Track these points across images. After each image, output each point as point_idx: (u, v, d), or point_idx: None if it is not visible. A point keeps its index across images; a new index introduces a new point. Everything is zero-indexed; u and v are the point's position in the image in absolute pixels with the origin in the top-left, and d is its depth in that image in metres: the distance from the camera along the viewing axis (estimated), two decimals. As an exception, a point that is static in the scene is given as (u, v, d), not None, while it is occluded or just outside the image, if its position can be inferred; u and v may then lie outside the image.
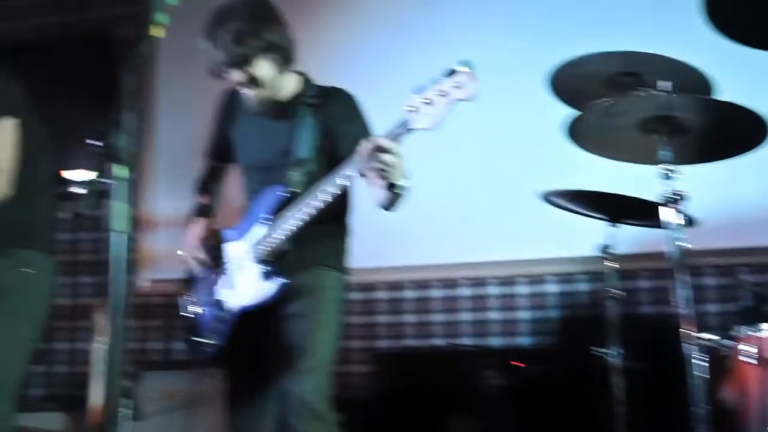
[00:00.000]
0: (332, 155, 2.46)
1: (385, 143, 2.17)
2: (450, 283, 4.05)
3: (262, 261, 2.45)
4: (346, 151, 2.34)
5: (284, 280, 2.40)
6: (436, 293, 4.07)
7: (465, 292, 4.04)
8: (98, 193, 1.70)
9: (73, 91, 4.48)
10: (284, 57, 2.48)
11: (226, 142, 2.71)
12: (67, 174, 4.34)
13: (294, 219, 2.37)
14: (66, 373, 4.43)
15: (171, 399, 3.68)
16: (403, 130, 2.16)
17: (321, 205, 2.32)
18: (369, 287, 4.08)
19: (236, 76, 2.43)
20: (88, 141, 1.68)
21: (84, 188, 1.66)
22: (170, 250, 3.78)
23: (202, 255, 2.63)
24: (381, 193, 2.30)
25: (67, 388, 4.39)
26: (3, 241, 2.69)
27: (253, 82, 2.44)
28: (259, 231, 2.48)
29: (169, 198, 4.15)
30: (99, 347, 3.71)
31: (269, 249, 2.43)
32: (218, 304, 2.57)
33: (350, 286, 2.59)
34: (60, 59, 4.53)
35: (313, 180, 2.41)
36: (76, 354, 4.40)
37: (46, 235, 2.79)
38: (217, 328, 2.55)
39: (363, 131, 2.47)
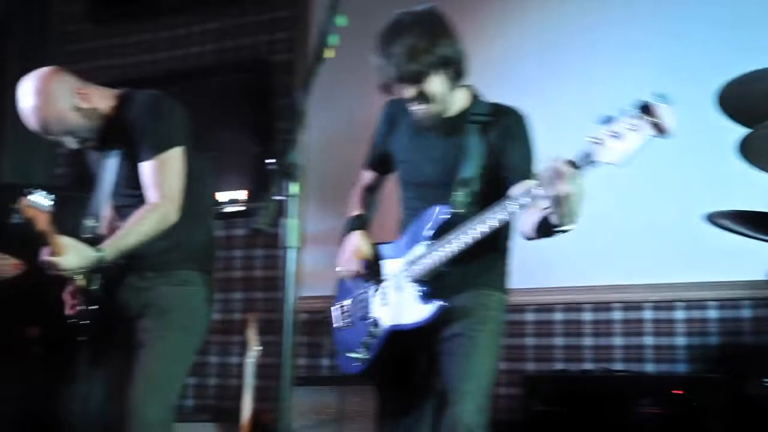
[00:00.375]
0: (496, 176, 2.40)
1: (569, 171, 2.01)
2: (602, 306, 3.91)
3: (419, 281, 2.43)
4: (511, 173, 2.30)
5: (443, 304, 2.37)
6: (587, 316, 3.94)
7: (618, 315, 3.89)
8: (277, 209, 1.74)
9: (228, 116, 4.65)
10: (457, 72, 2.42)
11: (387, 153, 2.69)
12: (222, 195, 4.53)
13: (457, 241, 2.32)
14: (217, 385, 4.55)
15: (320, 414, 3.73)
16: (586, 162, 2.01)
17: (487, 230, 2.27)
18: (517, 308, 3.98)
19: (408, 92, 2.39)
20: (266, 160, 1.73)
21: (254, 205, 1.71)
22: (316, 267, 3.89)
23: (359, 268, 2.61)
24: (534, 224, 2.22)
25: (218, 399, 4.52)
26: (167, 263, 2.80)
27: (425, 98, 2.40)
28: (417, 250, 2.45)
29: (315, 217, 4.23)
30: (250, 361, 3.82)
31: (427, 269, 2.40)
32: (372, 320, 2.55)
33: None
34: (216, 85, 4.70)
35: (476, 200, 2.38)
36: (228, 367, 4.53)
37: (205, 256, 2.90)
38: (368, 344, 2.54)
39: (530, 154, 2.41)
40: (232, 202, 4.59)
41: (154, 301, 2.76)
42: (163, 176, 2.71)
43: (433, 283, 2.41)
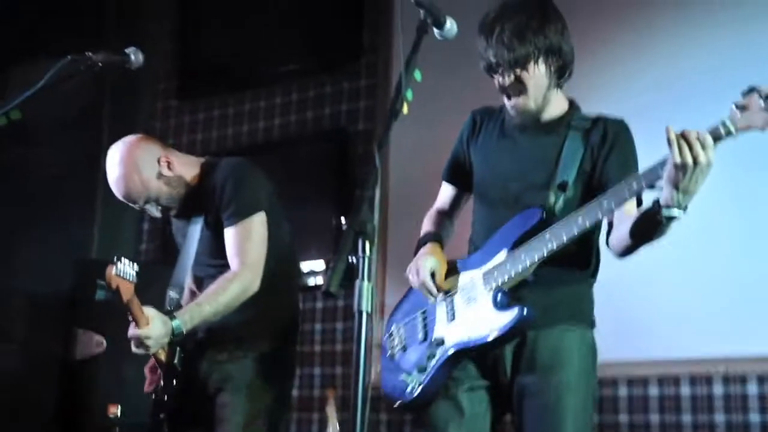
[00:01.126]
0: (593, 185, 2.23)
1: (705, 138, 1.87)
2: (702, 380, 3.65)
3: (498, 289, 2.20)
4: (611, 183, 2.12)
5: (526, 310, 2.12)
6: (685, 391, 3.69)
7: (719, 390, 3.63)
8: (346, 271, 1.66)
9: (308, 186, 4.67)
10: (562, 66, 2.26)
11: (468, 160, 2.48)
12: (302, 266, 4.51)
13: (546, 246, 2.12)
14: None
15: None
16: (725, 130, 1.89)
17: (577, 232, 2.07)
18: (608, 382, 3.78)
19: (506, 79, 2.21)
20: (341, 220, 1.64)
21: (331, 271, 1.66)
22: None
23: (431, 285, 2.32)
24: (634, 222, 2.04)
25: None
26: (248, 336, 2.75)
27: (523, 86, 2.22)
28: (499, 257, 2.23)
29: (396, 286, 4.15)
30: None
31: (509, 277, 2.18)
32: (434, 339, 2.30)
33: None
34: (297, 156, 4.75)
35: (570, 207, 2.17)
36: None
37: (288, 329, 2.86)
38: (425, 367, 2.29)
39: (634, 165, 2.23)
40: (312, 273, 4.57)
41: (233, 375, 2.72)
42: (245, 243, 2.69)
43: (514, 292, 2.18)
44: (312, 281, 4.56)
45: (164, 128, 5.24)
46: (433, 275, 2.30)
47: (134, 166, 2.73)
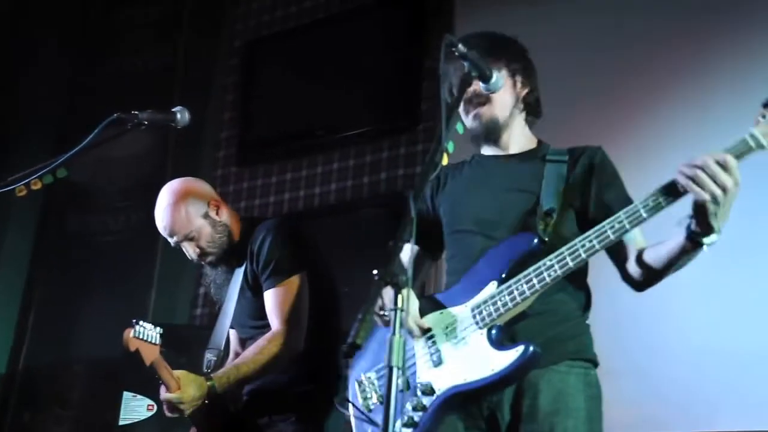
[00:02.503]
0: (585, 216, 2.16)
1: (728, 159, 1.78)
2: None
3: (492, 327, 2.01)
4: (608, 208, 2.05)
5: (532, 347, 1.93)
6: None
7: None
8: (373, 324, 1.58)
9: (366, 251, 4.61)
10: (529, 100, 2.29)
11: (433, 221, 2.34)
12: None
13: (549, 272, 1.98)
14: None
15: None
16: (755, 143, 1.80)
17: (585, 256, 1.95)
18: None
19: (475, 87, 2.16)
20: (374, 271, 1.59)
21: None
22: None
23: (410, 324, 2.09)
24: (675, 246, 1.94)
25: None
26: (293, 399, 2.71)
27: (488, 98, 2.21)
28: (487, 290, 2.05)
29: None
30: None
31: (506, 309, 2.00)
32: (420, 386, 2.06)
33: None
34: (354, 220, 4.72)
35: (557, 236, 2.07)
36: None
37: (336, 388, 2.78)
38: (414, 421, 2.03)
39: (622, 185, 2.19)
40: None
41: None
42: (285, 304, 2.67)
43: (509, 329, 2.01)
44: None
45: (223, 194, 5.23)
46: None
47: (184, 198, 2.78)
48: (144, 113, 2.38)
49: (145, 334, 2.50)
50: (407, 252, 2.26)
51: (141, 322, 2.51)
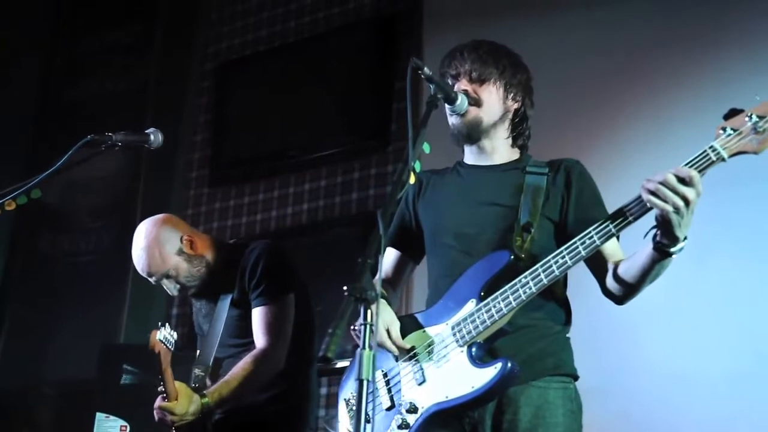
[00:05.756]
0: (563, 229, 2.20)
1: (692, 174, 1.84)
2: None
3: (472, 344, 2.05)
4: (576, 227, 2.09)
5: (510, 363, 1.97)
6: None
7: None
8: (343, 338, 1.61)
9: (337, 271, 4.66)
10: (517, 117, 2.31)
11: (414, 226, 2.39)
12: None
13: (524, 289, 2.02)
14: None
15: None
16: (716, 156, 1.85)
17: (558, 272, 2.00)
18: None
19: (463, 85, 2.24)
20: (344, 288, 1.63)
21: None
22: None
23: (389, 344, 2.14)
24: (645, 258, 1.98)
25: None
26: (270, 417, 2.76)
27: (478, 100, 2.24)
28: (466, 308, 2.09)
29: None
30: None
31: (485, 326, 2.04)
32: (403, 406, 2.10)
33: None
34: (325, 240, 4.77)
35: (536, 250, 2.11)
36: None
37: (307, 408, 2.86)
38: None
39: (601, 207, 2.20)
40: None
41: None
42: (275, 323, 2.73)
43: (489, 345, 2.04)
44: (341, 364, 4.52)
45: (195, 215, 5.31)
46: (388, 333, 2.14)
47: (156, 240, 2.83)
48: (118, 134, 2.43)
49: (166, 339, 2.58)
50: (387, 262, 2.35)
51: (166, 325, 2.60)
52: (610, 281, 2.15)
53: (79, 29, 5.96)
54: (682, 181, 1.84)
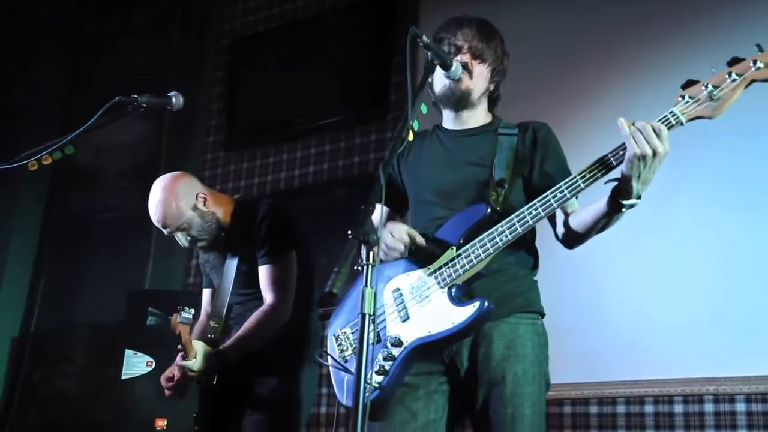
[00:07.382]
0: (531, 186, 2.33)
1: (662, 128, 1.95)
2: (695, 398, 3.80)
3: (452, 286, 2.18)
4: (550, 178, 2.24)
5: (487, 302, 2.10)
6: (678, 408, 3.84)
7: (710, 407, 3.77)
8: (348, 275, 1.73)
9: (340, 228, 4.96)
10: (496, 91, 2.46)
11: (399, 184, 2.52)
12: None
13: (501, 237, 2.15)
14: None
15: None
16: (675, 120, 1.97)
17: (531, 222, 2.13)
18: (606, 401, 3.96)
19: (462, 59, 2.35)
20: (348, 231, 1.75)
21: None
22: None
23: (416, 237, 2.24)
24: (597, 211, 2.12)
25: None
26: (287, 362, 2.95)
27: (471, 73, 2.36)
28: (448, 253, 2.22)
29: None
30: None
31: (464, 270, 2.17)
32: (389, 339, 2.22)
33: (587, 399, 2.44)
34: (330, 199, 5.03)
35: (509, 203, 2.24)
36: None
37: (312, 347, 3.03)
38: (385, 369, 2.19)
39: (564, 159, 2.37)
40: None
41: (266, 397, 2.89)
42: (280, 279, 2.87)
43: (468, 287, 2.17)
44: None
45: (212, 176, 5.58)
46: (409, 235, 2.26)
47: (174, 194, 2.91)
48: (143, 97, 2.52)
49: (186, 318, 2.75)
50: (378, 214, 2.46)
51: (185, 308, 2.75)
52: (560, 228, 2.33)
53: (103, 10, 6.16)
54: (655, 133, 1.96)
